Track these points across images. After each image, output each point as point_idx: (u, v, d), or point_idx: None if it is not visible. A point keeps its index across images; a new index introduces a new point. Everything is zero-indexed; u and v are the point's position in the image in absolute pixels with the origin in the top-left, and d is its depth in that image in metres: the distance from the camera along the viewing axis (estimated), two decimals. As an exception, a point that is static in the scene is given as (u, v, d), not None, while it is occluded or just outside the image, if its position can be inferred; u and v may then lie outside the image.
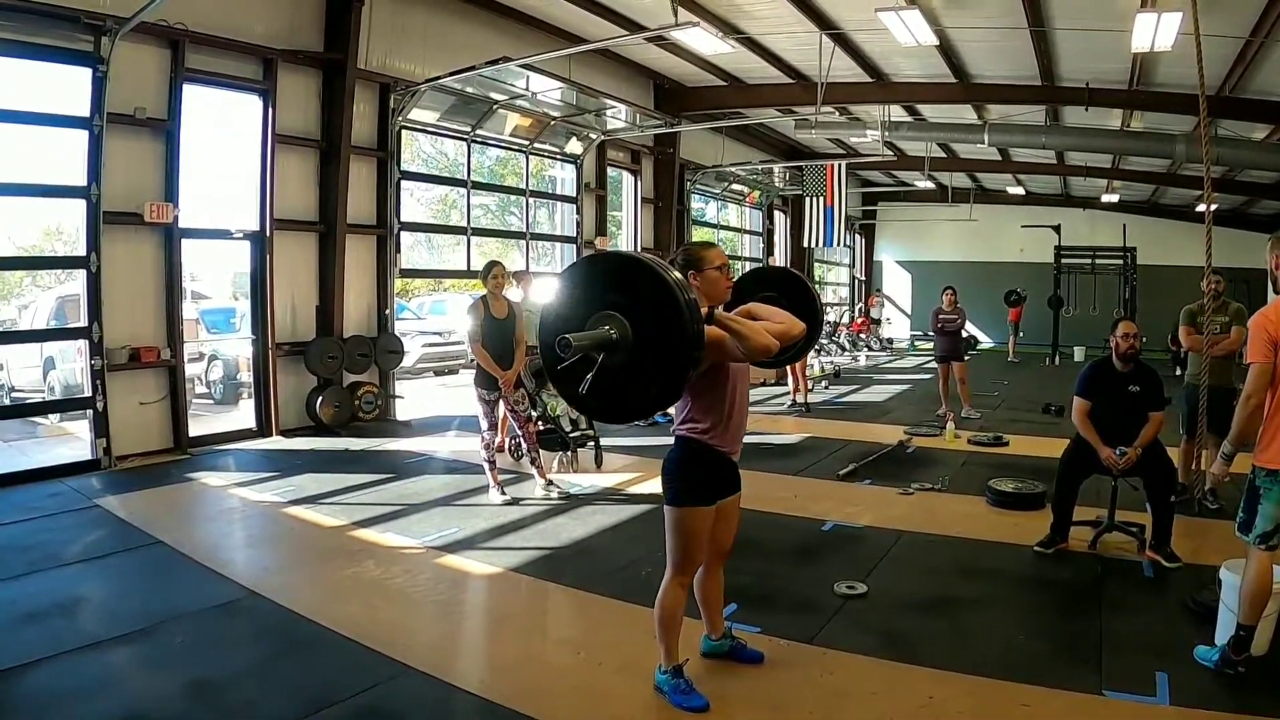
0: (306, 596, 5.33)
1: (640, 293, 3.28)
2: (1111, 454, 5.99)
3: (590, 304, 3.38)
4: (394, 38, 11.83)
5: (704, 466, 3.87)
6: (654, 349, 3.28)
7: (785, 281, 4.89)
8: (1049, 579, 5.80)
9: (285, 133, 10.68)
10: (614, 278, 3.43)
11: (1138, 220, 25.28)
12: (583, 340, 3.26)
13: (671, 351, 3.26)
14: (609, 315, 3.31)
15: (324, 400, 10.93)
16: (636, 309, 3.28)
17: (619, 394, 3.42)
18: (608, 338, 3.29)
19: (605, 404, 3.53)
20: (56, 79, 8.75)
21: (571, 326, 3.35)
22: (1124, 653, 4.52)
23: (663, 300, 3.23)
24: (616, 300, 3.32)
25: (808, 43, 13.39)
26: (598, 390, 3.37)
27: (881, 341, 27.23)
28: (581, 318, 3.37)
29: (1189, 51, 6.44)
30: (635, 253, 3.48)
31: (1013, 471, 8.33)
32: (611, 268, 3.60)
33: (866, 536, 6.71)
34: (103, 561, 6.02)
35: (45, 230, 15.57)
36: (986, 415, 12.61)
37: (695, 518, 3.84)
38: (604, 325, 3.30)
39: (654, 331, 3.26)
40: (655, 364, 3.30)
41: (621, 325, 3.29)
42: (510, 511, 7.34)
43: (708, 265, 3.84)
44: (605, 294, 3.37)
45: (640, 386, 3.37)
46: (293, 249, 10.95)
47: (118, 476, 8.55)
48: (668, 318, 3.22)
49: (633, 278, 3.34)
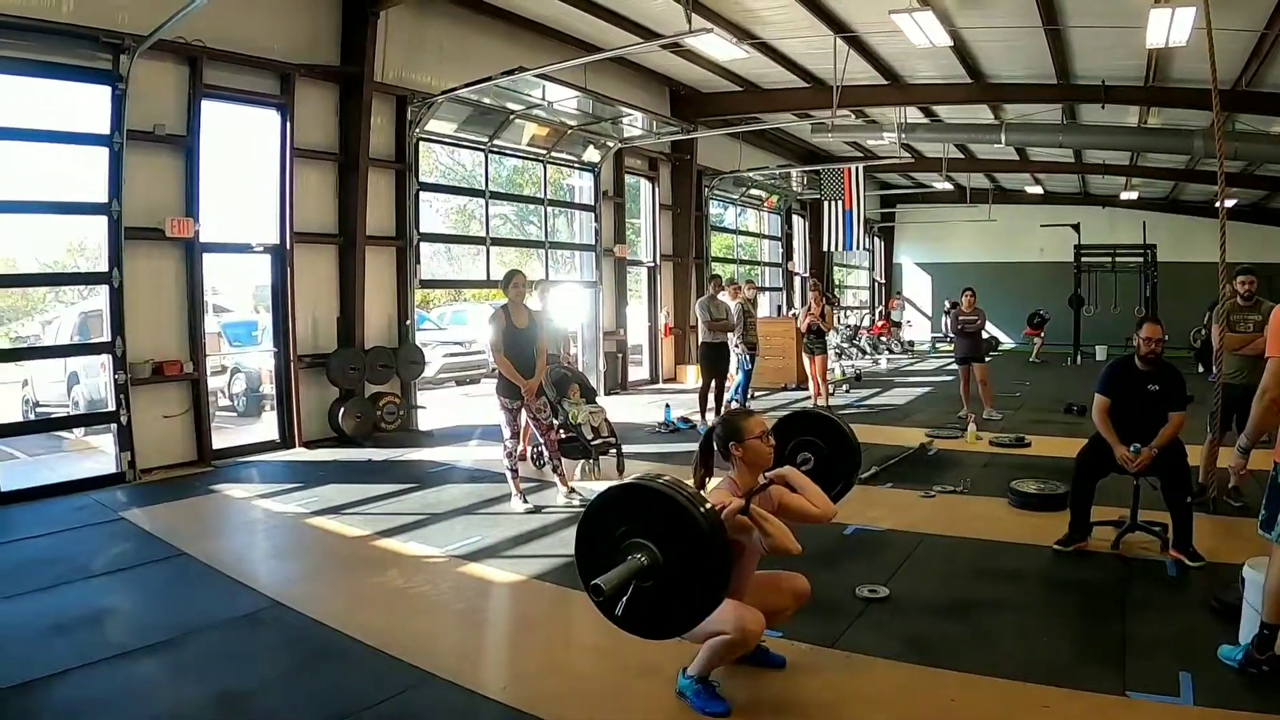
0: (331, 606, 5.35)
1: (659, 518, 3.40)
2: (1126, 452, 5.95)
3: (616, 538, 3.48)
4: (410, 50, 11.90)
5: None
6: (684, 569, 3.37)
7: (820, 426, 4.90)
8: (1071, 580, 5.75)
9: (304, 146, 10.75)
10: (631, 508, 3.52)
11: (1157, 217, 25.14)
12: (612, 580, 3.34)
13: (701, 567, 3.36)
14: (638, 543, 3.41)
15: (346, 411, 10.99)
16: (659, 534, 3.39)
17: (662, 613, 3.50)
18: (638, 566, 3.39)
19: (649, 624, 3.60)
20: (77, 97, 8.86)
21: (601, 561, 3.46)
22: (1147, 653, 4.47)
23: (681, 522, 3.34)
24: (639, 528, 3.43)
25: (822, 46, 13.38)
26: (641, 612, 3.47)
27: (902, 344, 27.14)
28: (607, 554, 3.48)
29: (1204, 46, 6.41)
30: (649, 481, 3.52)
31: (1035, 472, 8.28)
32: (627, 499, 3.64)
33: (888, 540, 6.68)
34: (128, 573, 6.07)
35: (69, 246, 15.71)
36: (1008, 416, 12.54)
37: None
38: (635, 554, 3.40)
39: (681, 553, 3.36)
40: (689, 582, 3.39)
41: (651, 551, 3.39)
42: (533, 519, 7.35)
43: (749, 435, 3.95)
44: (628, 524, 3.46)
45: (679, 603, 3.46)
46: (313, 261, 11.01)
47: (142, 489, 8.62)
48: (690, 538, 3.33)
49: (648, 505, 3.46)
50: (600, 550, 3.51)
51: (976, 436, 10.66)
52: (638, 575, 3.39)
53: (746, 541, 3.75)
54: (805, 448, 4.71)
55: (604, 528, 3.54)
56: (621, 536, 3.45)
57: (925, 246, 31.17)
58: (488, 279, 14.22)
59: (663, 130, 16.18)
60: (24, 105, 8.58)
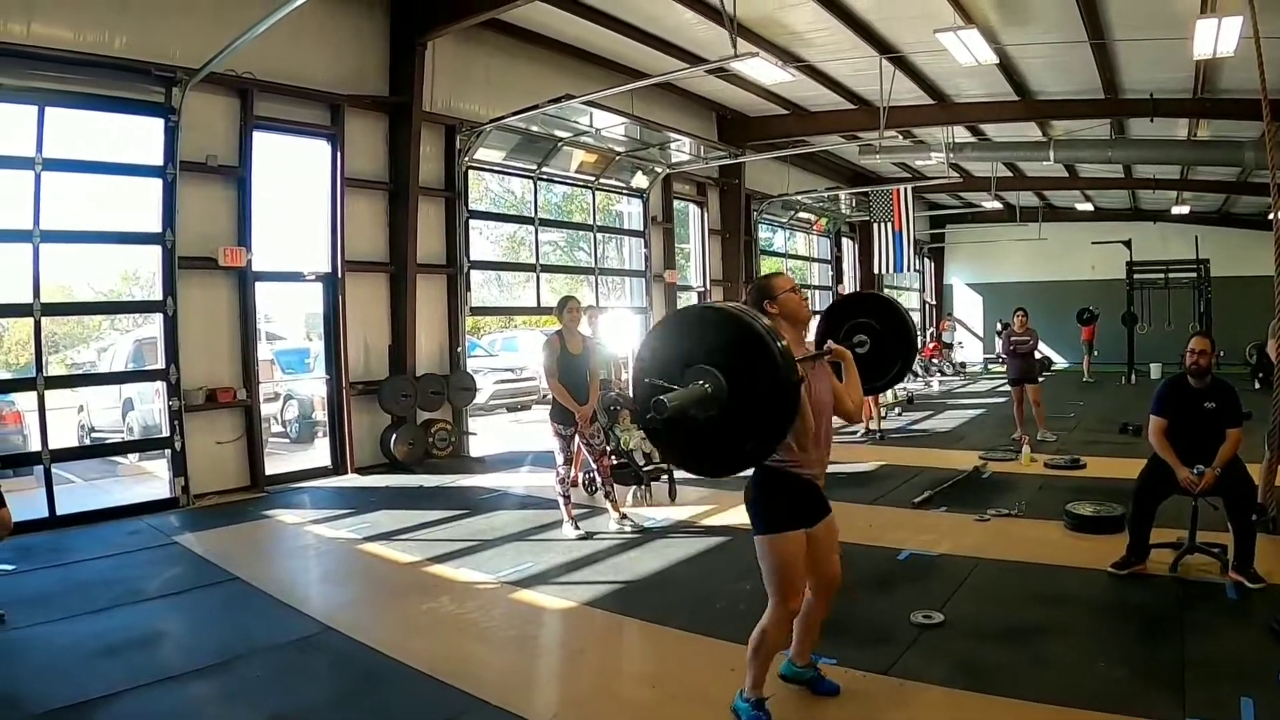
0: (381, 632, 5.36)
1: (734, 345, 3.24)
2: (1189, 475, 5.79)
3: (682, 359, 3.35)
4: (457, 79, 12.03)
5: (788, 491, 3.80)
6: (750, 403, 3.22)
7: (879, 309, 4.85)
8: (1129, 604, 5.60)
9: (354, 176, 10.90)
10: (707, 330, 3.39)
11: (1210, 231, 24.62)
12: (676, 400, 3.19)
13: (769, 405, 3.22)
14: (704, 369, 3.26)
15: (398, 438, 11.05)
16: (731, 362, 3.24)
17: (714, 447, 3.38)
18: (703, 393, 3.23)
19: (701, 458, 3.50)
20: (131, 130, 9.09)
21: (665, 378, 3.33)
22: (1207, 678, 4.34)
23: (757, 352, 3.19)
24: (710, 354, 3.28)
25: (867, 67, 13.33)
26: (693, 444, 3.36)
27: (954, 366, 26.81)
28: (674, 373, 3.33)
29: (1252, 55, 6.30)
30: (726, 305, 3.42)
31: (1091, 494, 8.08)
32: (703, 320, 3.57)
33: (942, 565, 6.55)
34: (181, 597, 6.13)
35: (123, 275, 16.06)
36: (1062, 437, 12.29)
37: (785, 543, 3.76)
38: (699, 380, 3.25)
39: (750, 385, 3.20)
40: (752, 418, 3.25)
41: (716, 379, 3.23)
42: (584, 546, 7.31)
43: (780, 290, 3.86)
44: (698, 347, 3.32)
45: (736, 440, 3.32)
46: (364, 290, 11.13)
47: (196, 514, 8.73)
48: (763, 370, 3.18)
49: (725, 330, 3.31)
50: (671, 366, 3.37)
51: (1031, 458, 10.46)
52: (700, 404, 3.24)
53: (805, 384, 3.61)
54: (861, 330, 4.63)
55: (680, 342, 3.41)
56: (688, 362, 3.31)
57: (976, 267, 30.82)
58: (538, 305, 14.29)
59: (710, 155, 16.20)
60: (80, 138, 8.81)
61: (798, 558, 3.79)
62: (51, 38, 8.14)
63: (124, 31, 8.65)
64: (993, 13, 11.35)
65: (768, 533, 3.78)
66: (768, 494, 3.81)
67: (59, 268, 11.07)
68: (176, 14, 9.02)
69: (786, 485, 3.78)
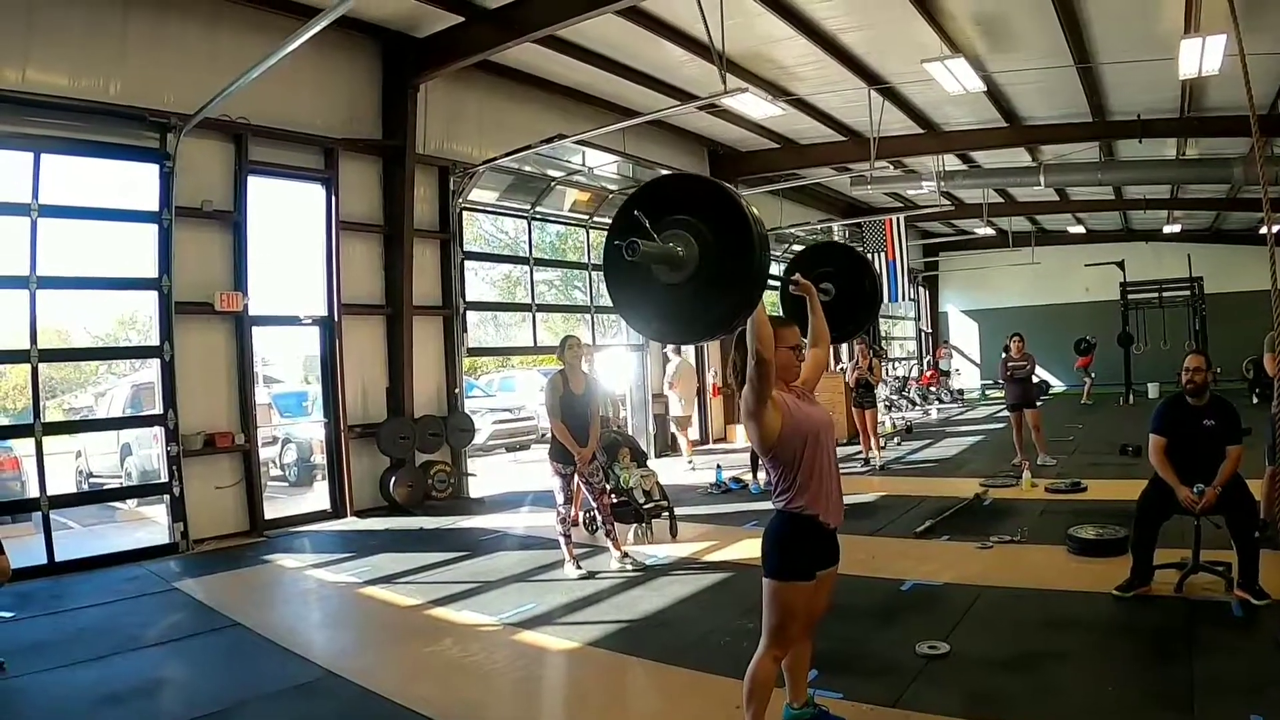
0: (385, 676, 5.31)
1: (717, 218, 3.35)
2: (1190, 494, 5.79)
3: (665, 217, 3.44)
4: (450, 122, 12.12)
5: (808, 540, 3.77)
6: (719, 273, 3.33)
7: (843, 259, 5.00)
8: (1135, 625, 5.57)
9: (349, 219, 10.95)
10: (695, 198, 3.48)
11: (1202, 248, 24.78)
12: (651, 249, 3.32)
13: (735, 279, 3.33)
14: (681, 235, 3.39)
15: (397, 480, 11.02)
16: (710, 233, 3.35)
17: (673, 310, 3.48)
18: (673, 254, 3.35)
19: (668, 322, 3.60)
20: (126, 175, 9.18)
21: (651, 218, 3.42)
22: (1216, 696, 4.31)
23: (738, 228, 3.30)
24: (691, 220, 3.38)
25: (857, 99, 13.46)
26: (654, 304, 3.47)
27: (952, 393, 26.81)
28: (660, 217, 3.44)
29: (1237, 73, 6.35)
30: (728, 186, 3.51)
31: (1093, 517, 8.05)
32: (693, 188, 3.66)
33: (947, 594, 6.51)
34: (182, 643, 6.09)
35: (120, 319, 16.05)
36: (1062, 461, 12.28)
37: (795, 593, 3.74)
38: (673, 243, 3.37)
39: (721, 256, 3.32)
40: (716, 289, 3.35)
41: (690, 245, 3.35)
42: (586, 585, 7.26)
43: (782, 343, 3.80)
44: (681, 212, 3.43)
45: (695, 307, 3.42)
46: (361, 332, 11.15)
47: (195, 559, 8.69)
48: (738, 245, 3.30)
49: (714, 202, 3.40)
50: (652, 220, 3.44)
51: (1032, 483, 10.43)
52: (669, 262, 3.37)
53: (789, 420, 3.69)
54: (826, 279, 4.69)
55: (667, 204, 3.49)
56: (669, 222, 3.41)
57: (970, 293, 30.94)
58: (534, 345, 14.30)
59: (702, 190, 16.23)
60: (76, 184, 8.87)
61: (802, 608, 3.78)
62: (47, 84, 8.23)
63: (119, 78, 8.75)
64: (979, 41, 11.49)
65: (778, 579, 3.76)
66: (787, 542, 3.78)
67: (55, 312, 11.08)
68: (171, 60, 9.12)
69: (807, 535, 3.76)
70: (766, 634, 3.79)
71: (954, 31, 11.09)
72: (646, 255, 3.30)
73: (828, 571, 3.88)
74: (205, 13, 9.36)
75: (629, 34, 11.10)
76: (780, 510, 3.78)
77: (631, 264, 3.36)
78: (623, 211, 3.57)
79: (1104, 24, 10.90)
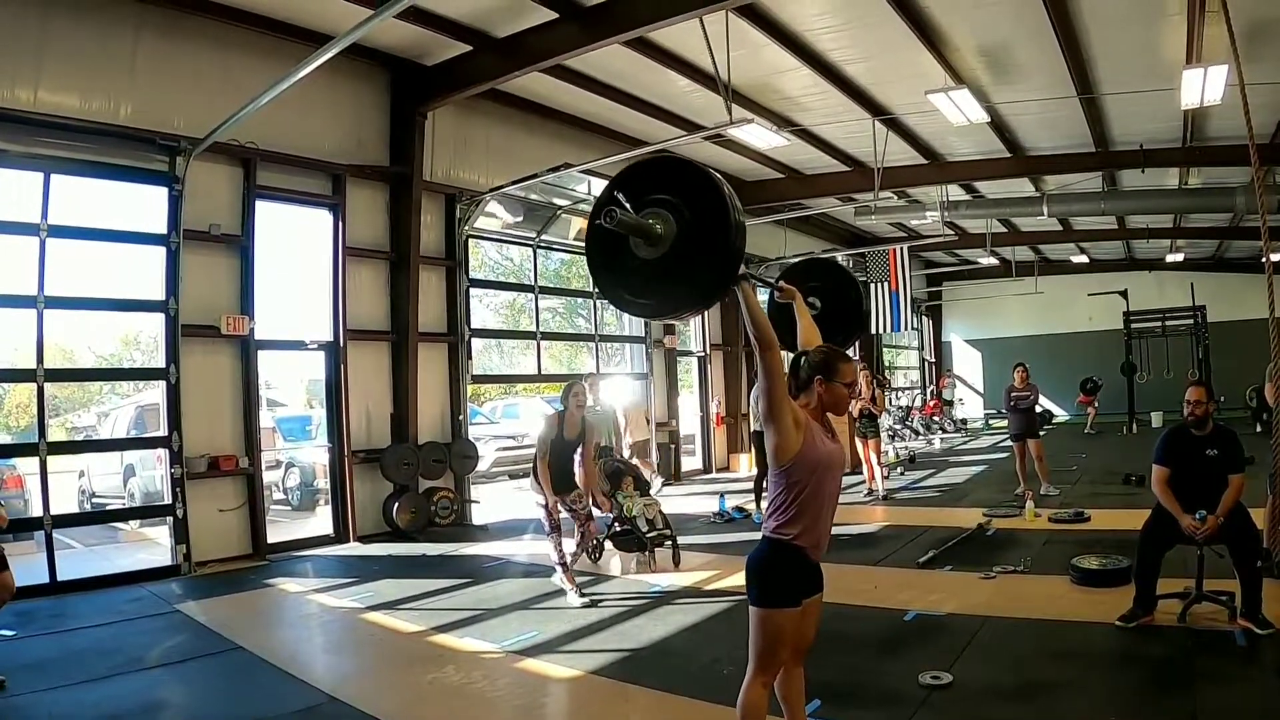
0: (387, 702, 5.29)
1: (697, 200, 3.44)
2: (1192, 521, 5.80)
3: (646, 197, 3.56)
4: (457, 149, 12.21)
5: (791, 568, 3.76)
6: (694, 253, 3.43)
7: (830, 274, 5.09)
8: (1139, 656, 5.55)
9: (355, 245, 11.01)
10: (678, 180, 3.57)
11: (1205, 277, 24.89)
12: (629, 220, 3.43)
13: (709, 258, 3.42)
14: (660, 213, 3.49)
15: (400, 506, 11.01)
16: (689, 213, 3.45)
17: (652, 286, 3.57)
18: (651, 230, 3.46)
19: (636, 295, 3.70)
20: (135, 197, 9.22)
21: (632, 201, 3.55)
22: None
23: (716, 208, 3.40)
24: (672, 199, 3.48)
25: (861, 130, 13.56)
26: (634, 278, 3.56)
27: (955, 423, 26.79)
28: (641, 200, 3.56)
29: (1239, 103, 6.41)
30: (708, 168, 3.58)
31: (1096, 547, 8.02)
32: (681, 172, 3.71)
33: (950, 624, 6.48)
34: (183, 666, 6.08)
35: (124, 339, 16.07)
36: (1066, 491, 12.24)
37: (780, 619, 3.72)
38: (652, 220, 3.48)
39: (698, 237, 3.41)
40: (691, 266, 3.45)
41: (668, 223, 3.45)
42: (589, 613, 7.23)
43: (840, 379, 3.79)
44: (663, 192, 3.52)
45: (669, 284, 3.51)
46: (366, 358, 11.18)
47: (197, 582, 8.69)
48: (715, 224, 3.40)
49: (696, 186, 3.49)
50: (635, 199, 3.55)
51: (1035, 513, 10.40)
52: (645, 236, 3.47)
53: (809, 445, 3.65)
54: (814, 293, 4.74)
55: (639, 186, 3.59)
56: (650, 201, 3.51)
57: (973, 323, 30.98)
58: (539, 373, 14.33)
59: (707, 220, 16.29)
60: (85, 205, 8.92)
61: (787, 634, 3.76)
62: (58, 105, 8.32)
63: (129, 100, 8.84)
64: (983, 73, 11.58)
65: (764, 606, 3.76)
66: (770, 569, 3.77)
67: (60, 331, 11.14)
68: (181, 84, 9.21)
69: (790, 562, 3.76)
70: (753, 661, 3.78)
71: (958, 63, 11.19)
72: (624, 225, 3.42)
73: (813, 599, 3.86)
74: (215, 37, 9.46)
75: (635, 64, 11.22)
76: (767, 536, 3.77)
77: (614, 246, 3.50)
78: (605, 192, 3.69)
79: (1107, 55, 11.00)
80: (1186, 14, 9.34)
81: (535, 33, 9.88)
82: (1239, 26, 7.21)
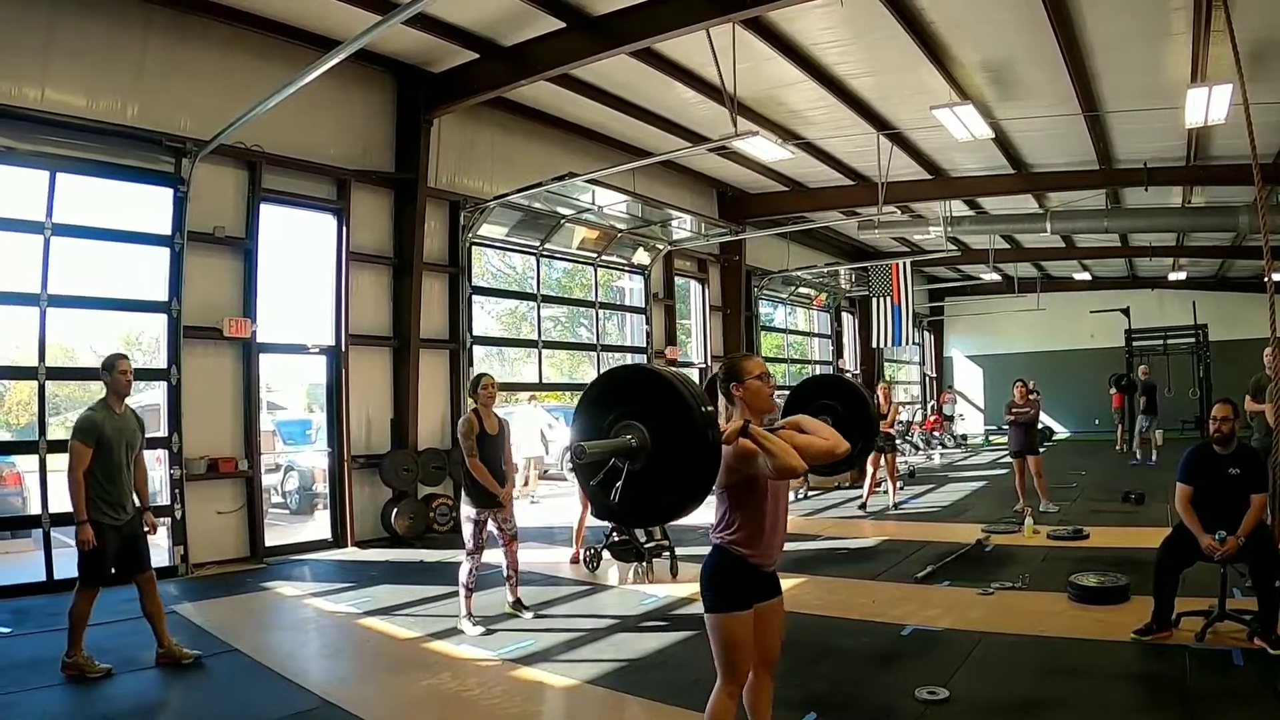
0: (382, 708, 5.29)
1: (657, 402, 3.38)
2: (1212, 541, 5.81)
3: (610, 414, 3.49)
4: (462, 157, 12.25)
5: (739, 573, 3.82)
6: (672, 457, 3.34)
7: (842, 392, 4.94)
8: (1136, 674, 5.55)
9: (359, 250, 11.03)
10: (634, 388, 3.54)
11: (1207, 296, 24.87)
12: (597, 448, 3.36)
13: (689, 459, 3.32)
14: (629, 425, 3.41)
15: (399, 512, 11.00)
16: (654, 417, 3.38)
17: (646, 499, 3.48)
18: (627, 445, 3.37)
19: (633, 509, 3.60)
20: (140, 198, 9.24)
21: (590, 435, 3.48)
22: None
23: (678, 409, 3.31)
24: (637, 409, 3.42)
25: (866, 144, 13.57)
26: (628, 496, 3.45)
27: (955, 438, 26.76)
28: (600, 428, 3.49)
29: (1243, 122, 6.43)
30: (652, 365, 3.61)
31: (1095, 565, 8.00)
32: (631, 379, 3.73)
33: (947, 639, 6.47)
34: (179, 667, 6.07)
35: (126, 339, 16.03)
36: (1065, 508, 12.22)
37: (733, 624, 3.78)
38: (625, 434, 3.40)
39: (672, 440, 3.33)
40: (675, 472, 3.36)
41: (640, 433, 3.37)
42: (586, 623, 7.23)
43: (748, 375, 3.84)
44: (626, 404, 3.46)
45: (661, 493, 3.43)
46: (367, 363, 11.20)
47: (194, 584, 8.69)
48: (684, 426, 3.30)
49: (650, 388, 3.45)
50: (598, 421, 3.52)
51: (1034, 530, 10.39)
52: (623, 454, 3.37)
53: (757, 472, 3.63)
54: (823, 411, 4.66)
55: (602, 406, 3.55)
56: (616, 417, 3.46)
57: (975, 339, 30.96)
58: (539, 382, 14.36)
59: (711, 232, 16.37)
60: (89, 204, 8.94)
61: (744, 639, 3.80)
62: (65, 104, 8.36)
63: (136, 101, 8.88)
64: (988, 89, 11.60)
65: (715, 611, 3.82)
66: (719, 575, 3.85)
67: (61, 330, 11.13)
68: (188, 85, 9.26)
69: (738, 567, 3.80)
70: (719, 671, 3.84)
71: (963, 79, 11.21)
72: (596, 454, 3.38)
73: (768, 604, 3.90)
74: (223, 39, 9.51)
75: (641, 75, 11.25)
76: (717, 545, 3.85)
77: (607, 472, 3.44)
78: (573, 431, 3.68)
79: (1111, 73, 11.03)
80: (1191, 33, 9.39)
81: (542, 42, 9.92)
82: (1244, 47, 7.23)
